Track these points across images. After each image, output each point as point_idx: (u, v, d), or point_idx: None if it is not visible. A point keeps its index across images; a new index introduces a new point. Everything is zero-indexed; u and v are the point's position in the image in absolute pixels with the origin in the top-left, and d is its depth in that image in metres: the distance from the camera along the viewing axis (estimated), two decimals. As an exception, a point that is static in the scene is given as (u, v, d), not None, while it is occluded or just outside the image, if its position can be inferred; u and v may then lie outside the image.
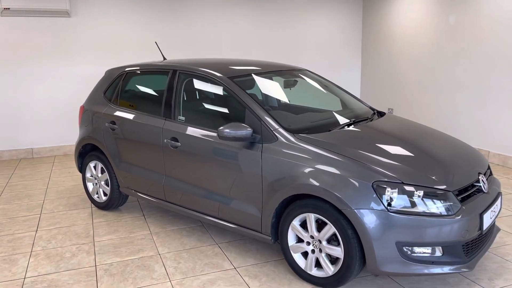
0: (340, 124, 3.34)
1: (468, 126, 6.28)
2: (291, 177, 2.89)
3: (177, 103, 3.68)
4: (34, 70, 6.61)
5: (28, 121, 6.72)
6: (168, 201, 3.78)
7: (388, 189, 2.61)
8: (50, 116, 6.81)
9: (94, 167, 4.41)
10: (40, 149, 6.84)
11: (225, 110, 3.60)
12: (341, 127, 3.28)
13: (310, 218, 2.86)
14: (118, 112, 4.11)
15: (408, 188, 2.62)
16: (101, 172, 4.35)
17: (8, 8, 6.07)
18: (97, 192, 4.45)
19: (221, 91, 3.54)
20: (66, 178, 5.64)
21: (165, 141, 3.64)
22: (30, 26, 6.46)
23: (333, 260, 2.84)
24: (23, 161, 6.56)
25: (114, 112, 4.15)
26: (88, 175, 4.50)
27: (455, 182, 2.75)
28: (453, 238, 2.59)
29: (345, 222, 2.68)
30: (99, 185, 4.41)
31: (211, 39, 7.44)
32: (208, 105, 3.80)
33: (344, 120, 3.43)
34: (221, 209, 3.35)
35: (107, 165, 4.22)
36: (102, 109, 4.28)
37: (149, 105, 3.94)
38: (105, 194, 4.39)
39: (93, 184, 4.49)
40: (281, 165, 2.95)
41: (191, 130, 3.49)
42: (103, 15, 6.81)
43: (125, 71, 4.26)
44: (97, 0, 6.73)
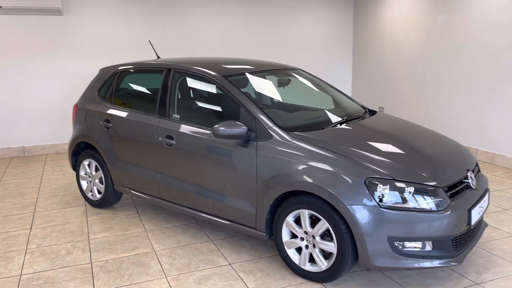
0: (333, 123, 3.40)
1: (457, 124, 6.39)
2: (285, 174, 2.94)
3: (172, 102, 3.72)
4: (25, 68, 6.58)
5: (19, 119, 6.69)
6: (163, 199, 3.82)
7: (380, 185, 2.68)
8: (42, 114, 6.79)
9: (88, 165, 4.43)
10: (32, 148, 6.82)
11: (219, 109, 3.64)
12: (334, 125, 3.35)
13: (304, 214, 2.92)
14: (113, 111, 4.14)
15: (399, 184, 2.69)
16: (95, 170, 4.37)
17: (1, 7, 6.04)
18: (91, 190, 4.46)
19: (215, 89, 3.58)
20: (59, 176, 5.64)
21: (159, 139, 3.68)
22: (22, 24, 6.44)
23: (327, 255, 2.91)
24: (14, 160, 6.54)
25: (109, 111, 4.17)
26: (82, 173, 4.51)
27: (444, 178, 2.83)
28: (443, 233, 2.67)
29: (338, 218, 2.74)
30: (93, 183, 4.42)
31: (203, 38, 7.47)
32: (202, 104, 3.84)
33: (337, 119, 3.49)
34: (216, 206, 3.40)
35: (101, 163, 4.24)
36: (96, 108, 4.30)
37: (144, 104, 3.97)
38: (99, 192, 4.41)
39: (87, 182, 4.50)
40: (275, 162, 3.00)
41: (186, 128, 3.53)
42: (95, 14, 6.80)
43: (120, 69, 4.28)
44: (89, -1, 6.74)
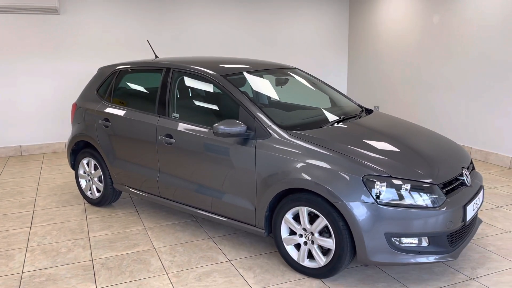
0: (330, 121, 3.46)
1: (451, 123, 6.47)
2: (284, 172, 2.99)
3: (171, 101, 3.76)
4: (22, 68, 6.58)
5: (16, 118, 6.69)
6: (162, 197, 3.86)
7: (377, 182, 2.74)
8: (39, 113, 6.80)
9: (87, 164, 4.45)
10: (29, 147, 6.82)
11: (218, 107, 3.68)
12: (331, 124, 3.40)
13: (303, 211, 2.97)
14: (112, 110, 4.17)
15: (396, 181, 2.75)
16: (94, 169, 4.40)
17: (-3, 5, 6.04)
18: (90, 189, 4.49)
19: (214, 88, 3.62)
20: (57, 175, 5.66)
21: (159, 137, 3.71)
22: (19, 23, 6.44)
23: (325, 251, 2.97)
24: (11, 159, 6.54)
25: (108, 110, 4.19)
26: (81, 172, 4.54)
27: (440, 176, 2.89)
28: (439, 229, 2.74)
29: (336, 214, 2.80)
30: (92, 182, 4.45)
31: (200, 37, 7.50)
32: (202, 103, 3.88)
33: (334, 117, 3.55)
34: (216, 204, 3.44)
35: (101, 162, 4.27)
36: (95, 107, 4.33)
37: (143, 103, 4.00)
38: (98, 190, 4.44)
39: (86, 181, 4.53)
40: (274, 160, 3.05)
41: (185, 127, 3.57)
42: (92, 13, 6.81)
43: (118, 68, 4.31)
44: (86, -2, 6.75)
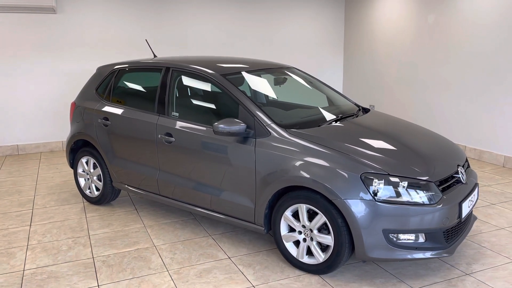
0: (328, 120, 3.51)
1: (446, 121, 6.55)
2: (284, 170, 3.04)
3: (171, 100, 3.79)
4: (19, 67, 6.58)
5: (13, 117, 6.69)
6: (162, 195, 3.89)
7: (375, 180, 2.79)
8: (36, 112, 6.80)
9: (86, 163, 4.48)
10: (26, 146, 6.82)
11: (218, 106, 3.72)
12: (329, 122, 3.46)
13: (302, 209, 3.02)
14: (111, 109, 4.19)
15: (393, 179, 2.81)
16: (93, 167, 4.42)
17: (-6, 4, 6.04)
18: (89, 187, 4.52)
19: (214, 88, 3.66)
20: (55, 174, 5.67)
21: (159, 136, 3.75)
22: (16, 22, 6.44)
23: (324, 248, 3.02)
24: (9, 158, 6.54)
25: (107, 109, 4.22)
26: (80, 170, 4.56)
27: (436, 173, 2.95)
28: (435, 225, 2.80)
29: (335, 211, 2.85)
30: (91, 180, 4.48)
31: (197, 37, 7.53)
32: (201, 102, 3.92)
33: (332, 116, 3.60)
34: (215, 202, 3.49)
35: (100, 160, 4.30)
36: (94, 106, 4.35)
37: (143, 102, 4.03)
38: (97, 189, 4.46)
39: (85, 180, 4.55)
40: (274, 158, 3.10)
41: (185, 126, 3.61)
42: (89, 12, 6.82)
43: (117, 68, 4.34)
44: (83, -3, 6.76)
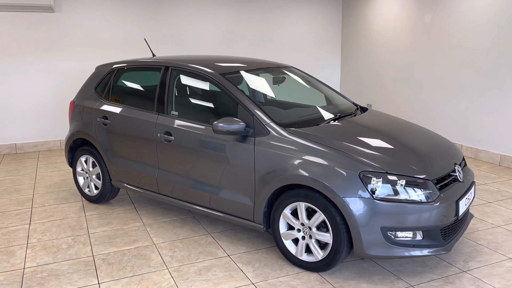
0: (327, 119, 3.53)
1: (443, 120, 6.60)
2: (283, 169, 3.07)
3: (170, 99, 3.81)
4: (17, 66, 6.58)
5: (11, 116, 6.69)
6: (161, 194, 3.91)
7: (373, 178, 2.82)
8: (34, 111, 6.79)
9: (85, 161, 4.49)
10: (24, 145, 6.82)
11: (217, 105, 3.74)
12: (328, 121, 3.48)
13: (301, 207, 3.05)
14: (111, 107, 4.21)
15: (391, 177, 2.84)
16: (92, 166, 4.44)
17: (-9, 3, 6.03)
18: (88, 186, 4.53)
19: (213, 87, 3.68)
20: (53, 173, 5.68)
21: (158, 135, 3.77)
22: (14, 21, 6.43)
23: (322, 245, 3.05)
24: (6, 157, 6.54)
25: (107, 107, 4.23)
26: (78, 169, 4.57)
27: (433, 172, 2.98)
28: (432, 223, 2.83)
29: (334, 209, 2.88)
30: (90, 179, 4.49)
31: (195, 36, 7.54)
32: (200, 101, 3.94)
33: (330, 115, 3.63)
34: (215, 200, 3.51)
35: (99, 159, 4.31)
36: (93, 104, 4.36)
37: (142, 101, 4.05)
38: (96, 187, 4.48)
39: (84, 178, 4.57)
40: (273, 157, 3.12)
41: (185, 125, 3.63)
42: (87, 11, 6.82)
43: (117, 67, 4.35)
44: (81, -4, 6.76)
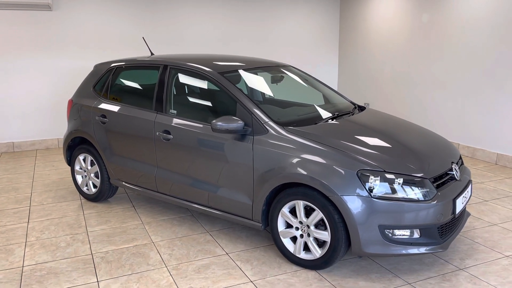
0: (325, 118, 3.55)
1: (440, 119, 6.63)
2: (281, 167, 3.08)
3: (169, 97, 3.82)
4: (15, 64, 6.57)
5: (9, 114, 6.68)
6: (160, 192, 3.92)
7: (371, 177, 2.84)
8: (31, 110, 6.79)
9: (84, 160, 4.49)
10: (21, 143, 6.81)
11: (216, 104, 3.75)
12: (326, 120, 3.50)
13: (299, 205, 3.06)
14: (109, 106, 4.21)
15: (389, 176, 2.86)
16: (91, 164, 4.44)
17: (-11, 1, 6.02)
18: (86, 184, 4.53)
19: (212, 85, 3.69)
20: (51, 171, 5.67)
21: (157, 133, 3.77)
22: (11, 19, 6.42)
23: (321, 243, 3.06)
24: (4, 155, 6.53)
25: (105, 106, 4.24)
26: (77, 167, 4.58)
27: (431, 170, 3.00)
28: (430, 221, 2.85)
29: (332, 208, 2.89)
30: (88, 178, 4.49)
31: (194, 35, 7.54)
32: (199, 99, 3.95)
33: (328, 114, 3.65)
34: (213, 198, 3.52)
35: (97, 157, 4.32)
36: (91, 103, 4.36)
37: (141, 99, 4.05)
38: (94, 186, 4.48)
39: (82, 177, 4.57)
40: (271, 155, 3.14)
41: (183, 123, 3.64)
42: (85, 9, 6.82)
43: (115, 65, 4.35)
44: (79, -6, 6.75)
